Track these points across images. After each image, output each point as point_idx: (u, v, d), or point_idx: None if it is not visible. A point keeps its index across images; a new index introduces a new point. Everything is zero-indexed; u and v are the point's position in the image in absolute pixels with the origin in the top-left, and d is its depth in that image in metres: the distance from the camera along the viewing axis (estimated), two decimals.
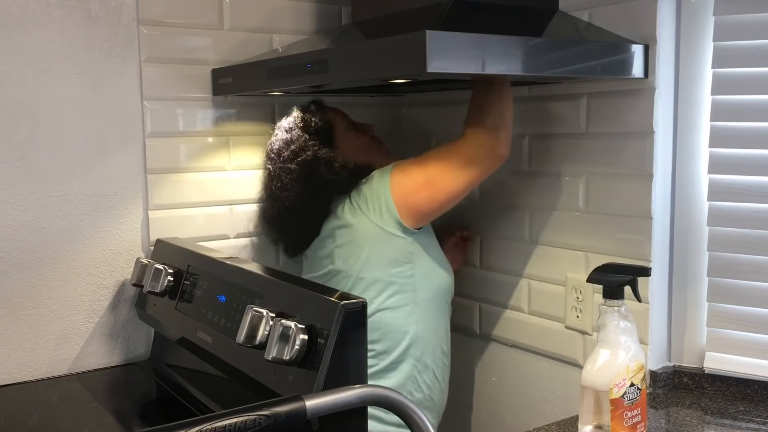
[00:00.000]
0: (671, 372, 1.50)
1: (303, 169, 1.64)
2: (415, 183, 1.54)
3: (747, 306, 1.44)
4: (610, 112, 1.52)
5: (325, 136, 1.69)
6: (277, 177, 1.67)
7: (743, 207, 1.43)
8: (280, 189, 1.66)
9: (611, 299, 1.22)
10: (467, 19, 1.38)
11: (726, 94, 1.43)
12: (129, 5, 1.67)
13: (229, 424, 0.90)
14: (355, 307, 1.14)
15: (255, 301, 1.30)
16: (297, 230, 1.71)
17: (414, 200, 1.54)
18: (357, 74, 1.33)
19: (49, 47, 1.59)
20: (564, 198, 1.62)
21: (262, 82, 1.60)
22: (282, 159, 1.66)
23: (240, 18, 1.81)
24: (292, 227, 1.71)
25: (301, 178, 1.64)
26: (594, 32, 1.48)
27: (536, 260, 1.70)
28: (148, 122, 1.72)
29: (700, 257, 1.48)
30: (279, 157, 1.67)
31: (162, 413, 1.54)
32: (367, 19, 1.70)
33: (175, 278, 1.59)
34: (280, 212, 1.70)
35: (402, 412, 1.03)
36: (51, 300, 1.64)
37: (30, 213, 1.60)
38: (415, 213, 1.55)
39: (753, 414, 1.38)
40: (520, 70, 1.28)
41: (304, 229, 1.69)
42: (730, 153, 1.44)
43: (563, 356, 1.66)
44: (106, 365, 1.72)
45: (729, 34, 1.41)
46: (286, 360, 1.14)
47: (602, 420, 1.21)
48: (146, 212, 1.73)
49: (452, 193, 1.54)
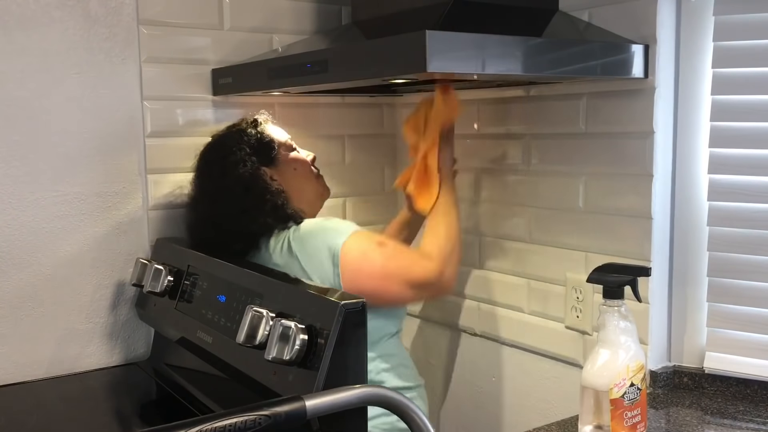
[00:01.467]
0: (671, 372, 1.50)
1: (237, 185, 1.53)
2: (371, 269, 1.43)
3: (747, 306, 1.44)
4: (610, 112, 1.52)
5: (266, 154, 1.59)
6: (203, 187, 1.59)
7: (743, 207, 1.43)
8: (208, 201, 1.57)
9: (611, 299, 1.22)
10: (467, 19, 1.38)
11: (726, 94, 1.43)
12: (129, 5, 1.67)
13: (229, 424, 0.90)
14: (355, 307, 1.14)
15: (255, 301, 1.30)
16: (217, 244, 1.57)
17: (363, 285, 1.42)
18: (357, 74, 1.33)
19: (48, 47, 1.59)
20: (564, 198, 1.62)
21: (262, 82, 1.60)
22: (216, 169, 1.57)
23: (240, 18, 1.81)
24: (211, 240, 1.58)
25: (232, 194, 1.53)
26: (594, 32, 1.48)
27: (536, 260, 1.70)
28: (148, 122, 1.72)
29: (700, 257, 1.48)
30: (212, 166, 1.58)
31: (162, 413, 1.54)
32: (367, 19, 1.70)
33: (175, 278, 1.59)
34: (200, 222, 1.60)
35: (402, 413, 1.03)
36: (51, 300, 1.64)
37: (30, 213, 1.60)
38: (357, 293, 1.44)
39: (753, 414, 1.38)
40: (520, 70, 1.28)
41: (223, 247, 1.56)
42: (730, 153, 1.44)
43: (563, 356, 1.66)
44: (106, 365, 1.72)
45: (729, 34, 1.41)
46: (286, 360, 1.14)
47: (602, 420, 1.21)
48: (146, 212, 1.73)
49: (395, 301, 1.49)
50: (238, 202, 1.52)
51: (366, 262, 1.43)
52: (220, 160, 1.57)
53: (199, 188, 1.61)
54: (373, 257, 1.44)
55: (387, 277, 1.43)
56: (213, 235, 1.56)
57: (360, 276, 1.42)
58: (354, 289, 1.40)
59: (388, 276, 1.43)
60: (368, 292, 1.40)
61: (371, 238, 1.48)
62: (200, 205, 1.60)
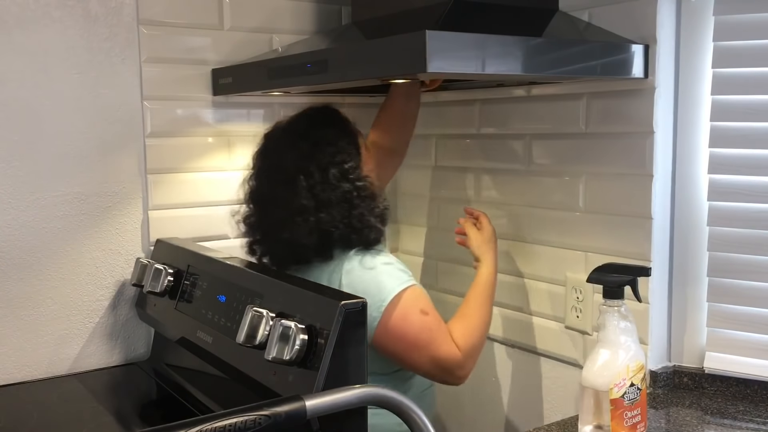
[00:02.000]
0: (671, 372, 1.50)
1: (349, 193, 1.45)
2: (404, 332, 1.40)
3: (747, 306, 1.44)
4: (610, 112, 1.52)
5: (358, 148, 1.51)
6: (310, 189, 1.45)
7: (743, 207, 1.43)
8: (314, 207, 1.44)
9: (611, 299, 1.22)
10: (467, 19, 1.38)
11: (726, 94, 1.43)
12: (129, 5, 1.67)
13: (229, 424, 0.90)
14: (355, 307, 1.14)
15: (255, 301, 1.30)
16: (287, 253, 1.49)
17: (391, 343, 1.41)
18: (357, 74, 1.33)
19: (48, 47, 1.59)
20: (564, 198, 1.62)
21: (262, 82, 1.60)
22: (328, 172, 1.45)
23: (240, 18, 1.81)
24: (284, 247, 1.48)
25: (341, 201, 1.44)
26: (594, 32, 1.48)
27: (536, 260, 1.70)
28: (148, 122, 1.72)
29: (700, 257, 1.48)
30: (325, 168, 1.45)
31: (162, 413, 1.54)
32: (367, 19, 1.70)
33: (175, 278, 1.59)
34: (275, 227, 1.48)
35: (402, 413, 1.03)
36: (51, 300, 1.64)
37: (30, 213, 1.60)
38: (381, 350, 1.42)
39: (753, 414, 1.38)
40: (520, 70, 1.27)
41: (294, 255, 1.48)
42: (730, 153, 1.44)
43: (563, 356, 1.66)
44: (106, 365, 1.72)
45: (729, 34, 1.41)
46: (286, 360, 1.14)
47: (602, 420, 1.21)
48: (146, 212, 1.73)
49: (412, 368, 1.46)
50: (353, 208, 1.46)
51: (403, 323, 1.40)
52: (339, 164, 1.47)
53: (309, 191, 1.45)
54: (412, 322, 1.41)
55: (415, 345, 1.42)
56: (309, 243, 1.45)
57: (392, 334, 1.40)
58: (381, 342, 1.41)
59: (416, 344, 1.42)
60: (392, 351, 1.43)
61: (418, 301, 1.43)
62: (304, 212, 1.44)
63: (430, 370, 1.45)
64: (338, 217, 1.44)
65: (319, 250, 1.46)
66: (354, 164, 1.48)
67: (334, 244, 1.46)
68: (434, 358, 1.42)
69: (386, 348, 1.42)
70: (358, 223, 1.45)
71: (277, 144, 1.53)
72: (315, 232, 1.43)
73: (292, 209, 1.44)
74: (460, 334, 1.47)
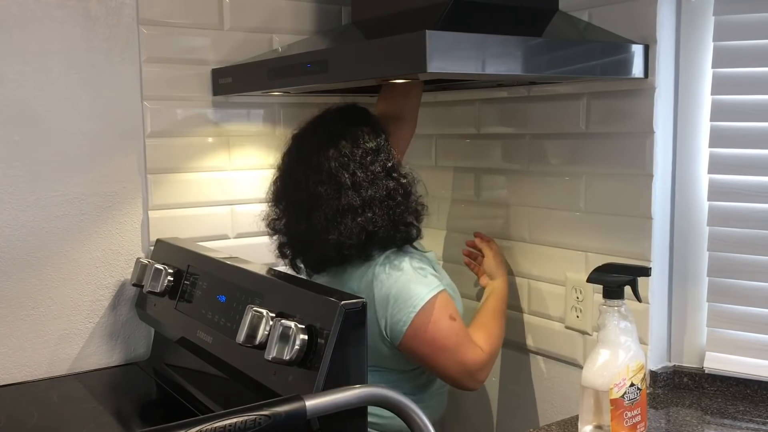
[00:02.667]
0: (671, 372, 1.50)
1: (394, 190, 1.45)
2: (433, 337, 1.41)
3: (747, 306, 1.44)
4: (610, 112, 1.52)
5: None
6: (358, 186, 1.42)
7: (743, 207, 1.43)
8: (361, 206, 1.42)
9: (611, 299, 1.22)
10: (467, 19, 1.38)
11: (726, 94, 1.43)
12: (129, 5, 1.67)
13: (229, 424, 0.90)
14: (355, 307, 1.14)
15: (255, 301, 1.30)
16: (332, 254, 1.46)
17: (419, 347, 1.42)
18: (357, 74, 1.33)
19: (48, 47, 1.59)
20: (564, 198, 1.62)
21: (262, 82, 1.60)
22: (371, 170, 1.44)
23: (240, 18, 1.81)
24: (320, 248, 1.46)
25: (386, 199, 1.44)
26: (594, 32, 1.48)
27: (536, 260, 1.70)
28: (148, 122, 1.72)
29: (700, 257, 1.48)
30: (367, 165, 1.44)
31: (162, 413, 1.54)
32: (367, 19, 1.70)
33: (175, 278, 1.59)
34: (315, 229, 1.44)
35: (402, 412, 1.03)
36: (51, 300, 1.64)
37: (30, 213, 1.60)
38: (408, 352, 1.44)
39: (753, 414, 1.38)
40: (520, 70, 1.27)
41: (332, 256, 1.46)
42: (730, 153, 1.44)
43: (563, 356, 1.66)
44: (106, 365, 1.72)
45: (729, 34, 1.41)
46: (286, 360, 1.14)
47: (602, 420, 1.21)
48: (146, 212, 1.73)
49: (439, 373, 1.46)
50: (397, 206, 1.46)
51: (433, 328, 1.41)
52: (382, 161, 1.46)
53: (357, 191, 1.43)
54: (441, 327, 1.42)
55: (443, 349, 1.43)
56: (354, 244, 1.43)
57: (421, 338, 1.41)
58: (409, 345, 1.42)
59: (444, 348, 1.43)
60: (419, 355, 1.44)
61: (448, 307, 1.44)
62: (352, 211, 1.42)
63: (455, 374, 1.45)
64: (382, 215, 1.43)
65: (362, 250, 1.45)
66: (395, 161, 1.48)
67: (376, 243, 1.45)
68: (461, 362, 1.44)
69: (414, 351, 1.43)
70: (401, 221, 1.46)
71: (311, 143, 1.50)
72: (363, 232, 1.42)
73: (336, 209, 1.42)
74: (483, 339, 1.50)
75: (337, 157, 1.44)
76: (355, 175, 1.43)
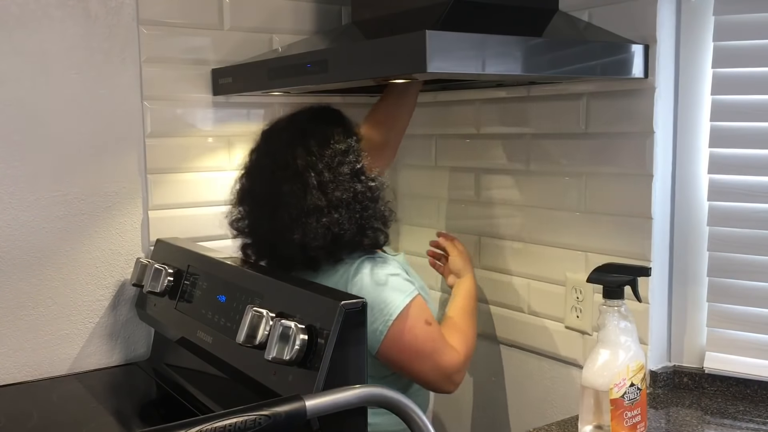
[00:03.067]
0: (671, 372, 1.50)
1: (362, 194, 1.42)
2: (409, 344, 1.39)
3: (747, 306, 1.44)
4: (610, 112, 1.52)
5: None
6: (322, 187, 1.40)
7: (743, 207, 1.43)
8: (326, 207, 1.39)
9: (611, 299, 1.22)
10: (467, 19, 1.38)
11: (726, 94, 1.43)
12: (129, 5, 1.67)
13: (229, 424, 0.90)
14: (355, 307, 1.14)
15: (255, 301, 1.30)
16: (295, 256, 1.43)
17: (395, 354, 1.40)
18: (357, 74, 1.33)
19: (48, 47, 1.59)
20: (564, 198, 1.62)
21: (262, 82, 1.60)
22: (339, 171, 1.41)
23: (240, 18, 1.81)
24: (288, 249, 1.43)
25: (353, 201, 1.41)
26: (594, 32, 1.48)
27: (536, 260, 1.70)
28: (148, 122, 1.72)
29: (700, 257, 1.48)
30: (335, 167, 1.41)
31: (162, 413, 1.54)
32: (367, 19, 1.70)
33: (175, 278, 1.59)
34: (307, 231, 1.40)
35: (402, 412, 1.03)
36: (51, 300, 1.64)
37: (30, 213, 1.60)
38: (384, 360, 1.41)
39: (753, 414, 1.38)
40: (520, 70, 1.28)
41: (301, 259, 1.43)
42: (730, 153, 1.44)
43: (563, 356, 1.66)
44: (106, 365, 1.72)
45: (729, 34, 1.41)
46: (286, 360, 1.14)
47: (602, 420, 1.21)
48: (146, 212, 1.73)
49: (416, 378, 1.45)
50: (364, 210, 1.43)
51: (410, 335, 1.39)
52: (351, 162, 1.44)
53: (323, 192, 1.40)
54: (417, 334, 1.40)
55: (420, 355, 1.41)
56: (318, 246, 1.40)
57: (398, 346, 1.39)
58: (386, 354, 1.40)
59: (421, 354, 1.41)
60: (396, 361, 1.42)
61: (423, 313, 1.42)
62: (317, 212, 1.40)
63: (433, 378, 1.44)
64: (348, 218, 1.41)
65: (329, 253, 1.43)
66: (364, 164, 1.46)
67: (343, 247, 1.43)
68: (438, 366, 1.42)
69: (391, 359, 1.41)
70: (368, 225, 1.43)
71: (279, 141, 1.48)
72: (328, 234, 1.40)
73: (301, 209, 1.39)
74: (458, 341, 1.48)
75: (305, 155, 1.42)
76: (322, 175, 1.40)
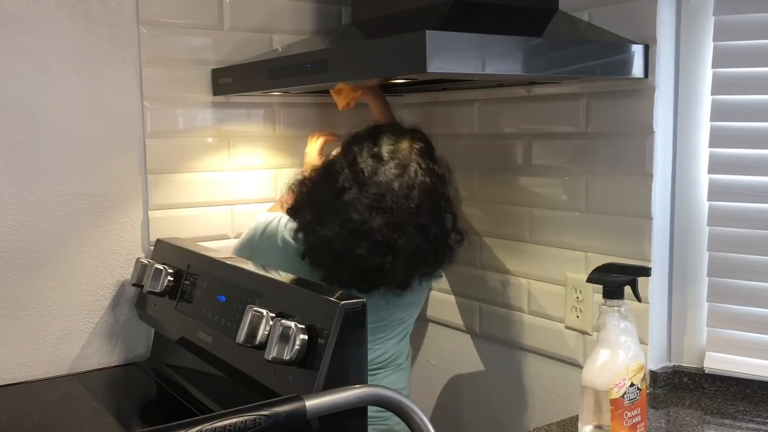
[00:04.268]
0: (671, 372, 1.50)
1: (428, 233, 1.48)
2: None
3: (747, 306, 1.44)
4: (610, 112, 1.52)
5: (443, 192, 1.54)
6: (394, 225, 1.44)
7: (743, 207, 1.43)
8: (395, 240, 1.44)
9: (611, 299, 1.22)
10: (467, 19, 1.38)
11: (726, 94, 1.43)
12: (129, 5, 1.67)
13: (229, 424, 0.90)
14: (355, 307, 1.14)
15: (255, 301, 1.30)
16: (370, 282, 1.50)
17: None
18: (357, 74, 1.33)
19: (48, 47, 1.59)
20: (564, 198, 1.62)
21: (262, 82, 1.60)
22: (407, 206, 1.45)
23: (240, 18, 1.81)
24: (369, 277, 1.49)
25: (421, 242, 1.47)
26: (594, 32, 1.48)
27: (536, 260, 1.70)
28: (148, 122, 1.72)
29: (700, 257, 1.48)
30: (400, 201, 1.45)
31: (162, 413, 1.54)
32: (367, 19, 1.70)
33: (175, 278, 1.59)
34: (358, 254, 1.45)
35: (402, 412, 1.03)
36: (51, 300, 1.64)
37: (30, 213, 1.60)
38: None
39: (753, 414, 1.38)
40: (520, 70, 1.28)
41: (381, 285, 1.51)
42: (730, 153, 1.44)
43: (563, 356, 1.66)
44: (106, 365, 1.72)
45: (729, 34, 1.41)
46: (286, 360, 1.14)
47: (602, 420, 1.21)
48: (146, 212, 1.73)
49: None
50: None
51: None
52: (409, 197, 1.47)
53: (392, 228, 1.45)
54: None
55: None
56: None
57: None
58: None
59: None
60: None
61: None
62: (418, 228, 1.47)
63: None
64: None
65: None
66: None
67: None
68: None
69: None
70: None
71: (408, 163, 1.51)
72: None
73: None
74: None
75: (439, 183, 1.54)
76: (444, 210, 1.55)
